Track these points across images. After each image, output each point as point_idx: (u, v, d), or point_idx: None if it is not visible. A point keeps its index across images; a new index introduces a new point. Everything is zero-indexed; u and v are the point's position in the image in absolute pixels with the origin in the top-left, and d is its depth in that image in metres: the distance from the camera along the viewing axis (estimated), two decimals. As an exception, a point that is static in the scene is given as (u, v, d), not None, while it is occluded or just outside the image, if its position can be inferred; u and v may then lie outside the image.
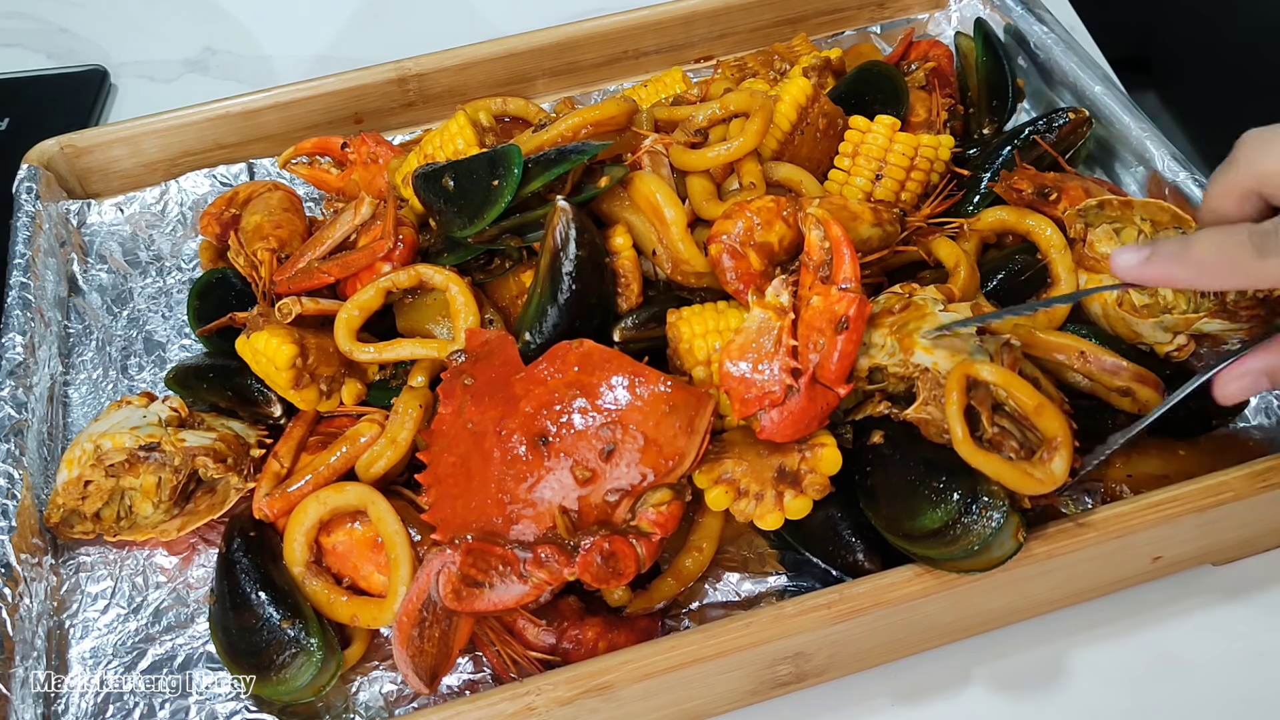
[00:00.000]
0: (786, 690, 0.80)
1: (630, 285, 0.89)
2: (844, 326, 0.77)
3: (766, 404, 0.77)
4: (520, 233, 0.90)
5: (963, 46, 1.22)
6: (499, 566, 0.76)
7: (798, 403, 0.77)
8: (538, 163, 0.88)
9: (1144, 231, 0.93)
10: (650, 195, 0.89)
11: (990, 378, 0.75)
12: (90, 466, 0.87)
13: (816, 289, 0.80)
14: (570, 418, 0.79)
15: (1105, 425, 0.86)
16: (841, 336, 0.77)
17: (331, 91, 1.18)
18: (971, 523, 0.74)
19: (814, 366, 0.77)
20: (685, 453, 0.78)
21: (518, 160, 0.87)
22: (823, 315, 0.78)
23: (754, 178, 0.93)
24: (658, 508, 0.78)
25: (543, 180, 0.87)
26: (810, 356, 0.78)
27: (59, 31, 1.49)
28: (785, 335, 0.78)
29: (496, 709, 0.71)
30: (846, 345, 0.77)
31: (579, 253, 0.85)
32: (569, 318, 0.85)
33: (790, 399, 0.77)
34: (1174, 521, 0.78)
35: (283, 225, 1.02)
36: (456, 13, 1.49)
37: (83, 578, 0.89)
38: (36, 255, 1.05)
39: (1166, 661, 0.83)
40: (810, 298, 0.80)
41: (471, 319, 0.88)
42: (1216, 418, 0.91)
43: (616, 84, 1.26)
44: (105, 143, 1.16)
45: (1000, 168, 1.02)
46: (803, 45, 1.15)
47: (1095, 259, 0.93)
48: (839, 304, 0.78)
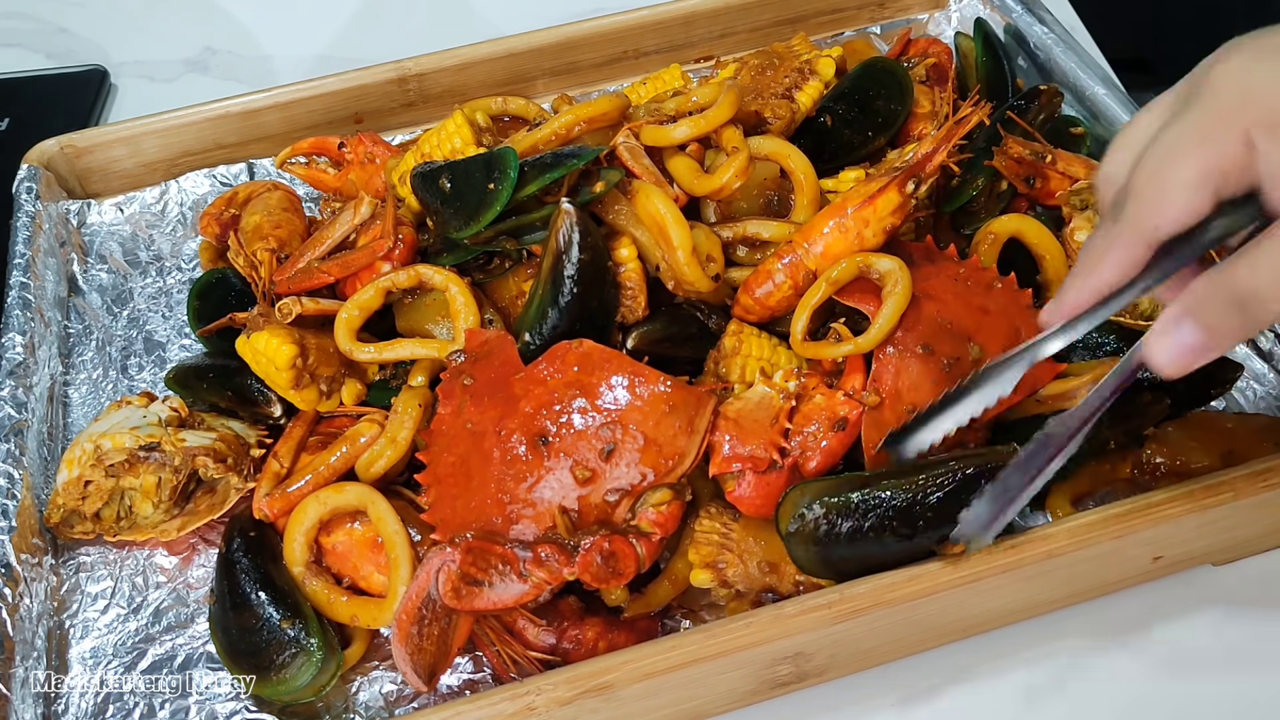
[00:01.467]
0: (786, 690, 0.80)
1: (637, 297, 0.89)
2: (842, 426, 0.80)
3: (749, 466, 0.78)
4: (517, 235, 0.90)
5: (963, 46, 1.22)
6: (499, 565, 0.76)
7: (777, 478, 0.79)
8: (534, 166, 0.88)
9: None
10: (656, 214, 0.88)
11: None
12: (90, 466, 0.87)
13: (821, 389, 0.82)
14: (570, 417, 0.79)
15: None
16: (834, 435, 0.80)
17: (331, 91, 1.18)
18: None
19: (798, 455, 0.80)
20: (685, 452, 0.78)
21: (513, 163, 0.87)
22: (822, 411, 0.81)
23: (736, 142, 0.92)
24: (658, 507, 0.78)
25: (538, 184, 0.87)
26: (794, 444, 0.80)
27: (59, 31, 1.49)
28: (782, 416, 0.80)
29: (496, 709, 0.71)
30: (834, 444, 0.80)
31: (582, 256, 0.85)
32: (569, 320, 0.85)
33: (771, 471, 0.79)
34: (1174, 521, 0.78)
35: (282, 225, 1.02)
36: (456, 13, 1.49)
37: (83, 578, 0.89)
38: (36, 255, 1.05)
39: (1167, 661, 0.83)
40: (814, 395, 0.82)
41: (471, 319, 0.88)
42: (1215, 386, 0.90)
43: (616, 84, 1.26)
44: (105, 143, 1.16)
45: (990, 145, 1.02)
46: (803, 45, 1.15)
47: (1076, 246, 0.94)
48: (843, 407, 0.81)
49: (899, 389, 0.82)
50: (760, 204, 0.98)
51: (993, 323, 0.86)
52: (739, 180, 0.90)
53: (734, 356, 0.87)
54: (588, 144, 0.95)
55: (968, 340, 0.85)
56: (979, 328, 0.86)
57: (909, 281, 0.83)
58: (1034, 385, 0.86)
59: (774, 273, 0.88)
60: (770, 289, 0.88)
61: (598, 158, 0.90)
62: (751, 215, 0.96)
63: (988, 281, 0.90)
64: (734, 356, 0.87)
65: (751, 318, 0.90)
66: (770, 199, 0.98)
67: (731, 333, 0.88)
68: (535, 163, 0.89)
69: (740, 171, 0.90)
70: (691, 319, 0.91)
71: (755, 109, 1.01)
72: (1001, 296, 0.89)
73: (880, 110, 1.05)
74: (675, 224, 0.88)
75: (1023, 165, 0.99)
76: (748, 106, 1.00)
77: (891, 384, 0.82)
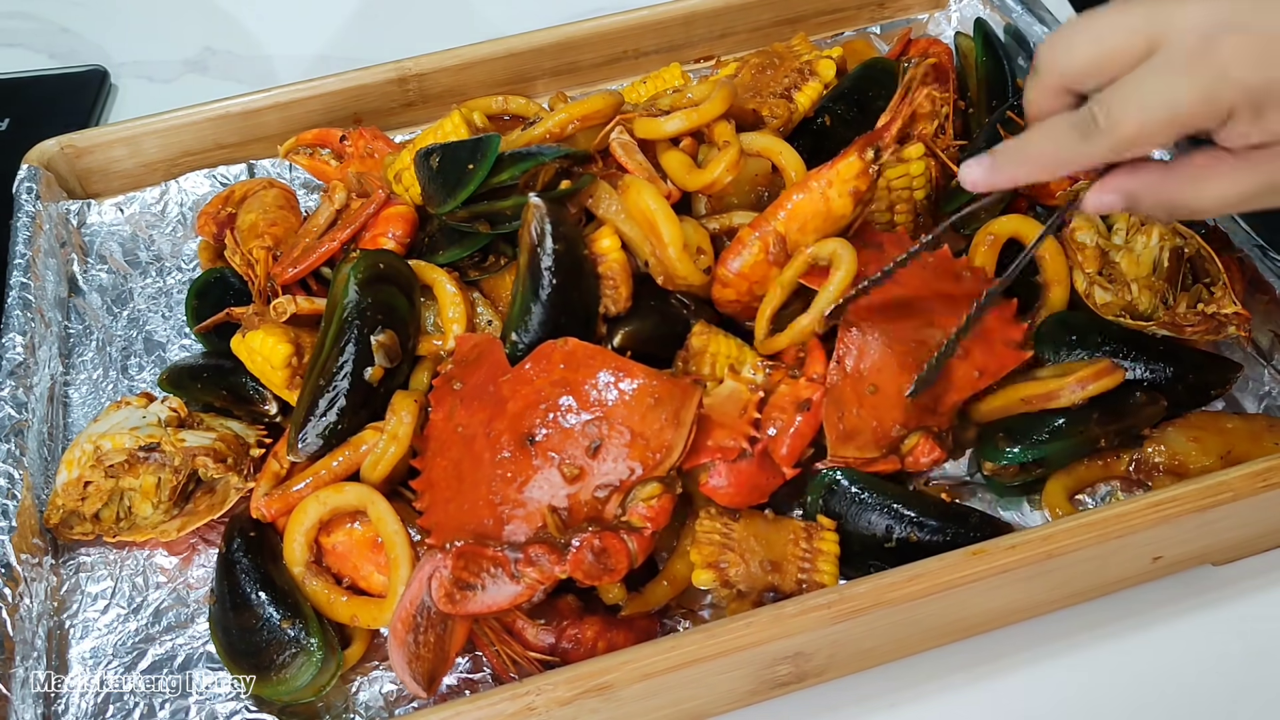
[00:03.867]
0: (786, 690, 0.80)
1: (619, 288, 0.89)
2: (806, 407, 0.83)
3: (719, 455, 0.80)
4: (493, 222, 0.91)
5: (963, 46, 1.22)
6: (490, 568, 0.76)
7: (749, 465, 0.80)
8: (512, 156, 0.90)
9: (1132, 215, 0.94)
10: (646, 209, 0.88)
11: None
12: (90, 467, 0.87)
13: (786, 381, 0.85)
14: (556, 416, 0.79)
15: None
16: (801, 416, 0.82)
17: (331, 91, 1.18)
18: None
19: (769, 440, 0.82)
20: (673, 445, 0.78)
21: (495, 147, 0.89)
22: (788, 397, 0.84)
23: (728, 136, 0.92)
24: (648, 502, 0.78)
25: (510, 173, 0.89)
26: (769, 431, 0.82)
27: (60, 31, 1.49)
28: (751, 408, 0.82)
29: (496, 709, 0.71)
30: (804, 425, 0.83)
31: (556, 246, 0.85)
32: (553, 314, 0.86)
33: (742, 459, 0.80)
34: (1174, 521, 0.78)
35: (278, 223, 1.02)
36: (456, 13, 1.49)
37: (83, 578, 0.89)
38: (36, 255, 1.05)
39: (1167, 661, 0.83)
40: (779, 386, 0.85)
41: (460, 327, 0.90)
42: (1215, 387, 0.91)
43: (617, 84, 1.26)
44: (105, 143, 1.16)
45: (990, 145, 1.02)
46: (803, 45, 1.15)
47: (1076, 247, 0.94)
48: (805, 390, 0.83)
49: (859, 369, 0.84)
50: (752, 200, 0.98)
51: (957, 308, 0.87)
52: (730, 175, 0.90)
53: (702, 354, 0.88)
54: (580, 142, 0.95)
55: (930, 324, 0.87)
56: (943, 311, 0.88)
57: (853, 257, 0.85)
58: (1000, 370, 0.88)
59: (747, 242, 0.89)
60: (745, 259, 0.89)
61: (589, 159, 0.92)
62: (740, 209, 0.96)
63: (955, 270, 0.92)
64: (702, 354, 0.88)
65: (729, 292, 0.91)
66: (761, 195, 0.98)
67: (698, 333, 0.89)
68: (513, 154, 0.91)
69: (731, 166, 0.90)
70: (679, 316, 0.91)
71: (754, 108, 1.01)
72: (969, 284, 0.91)
73: (879, 111, 1.04)
74: (666, 220, 0.88)
75: None
76: (746, 105, 1.00)
77: (854, 365, 0.84)
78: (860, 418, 0.84)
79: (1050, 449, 0.86)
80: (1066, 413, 0.87)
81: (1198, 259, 0.93)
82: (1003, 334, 0.89)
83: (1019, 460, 0.87)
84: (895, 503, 0.83)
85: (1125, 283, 0.92)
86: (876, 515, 0.83)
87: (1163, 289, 0.92)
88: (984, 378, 0.87)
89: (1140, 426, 0.88)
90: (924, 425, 0.85)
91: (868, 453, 0.85)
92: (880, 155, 0.88)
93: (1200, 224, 0.97)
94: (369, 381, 0.86)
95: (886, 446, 0.85)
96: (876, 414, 0.84)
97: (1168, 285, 0.93)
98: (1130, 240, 0.94)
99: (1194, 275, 0.94)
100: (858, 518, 0.84)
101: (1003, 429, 0.88)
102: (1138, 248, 0.93)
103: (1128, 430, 0.88)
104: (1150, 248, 0.93)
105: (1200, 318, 0.90)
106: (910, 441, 0.85)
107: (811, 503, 0.85)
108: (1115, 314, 0.92)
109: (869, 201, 0.91)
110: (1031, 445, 0.86)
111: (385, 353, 0.85)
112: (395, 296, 0.88)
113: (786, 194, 0.90)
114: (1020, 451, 0.87)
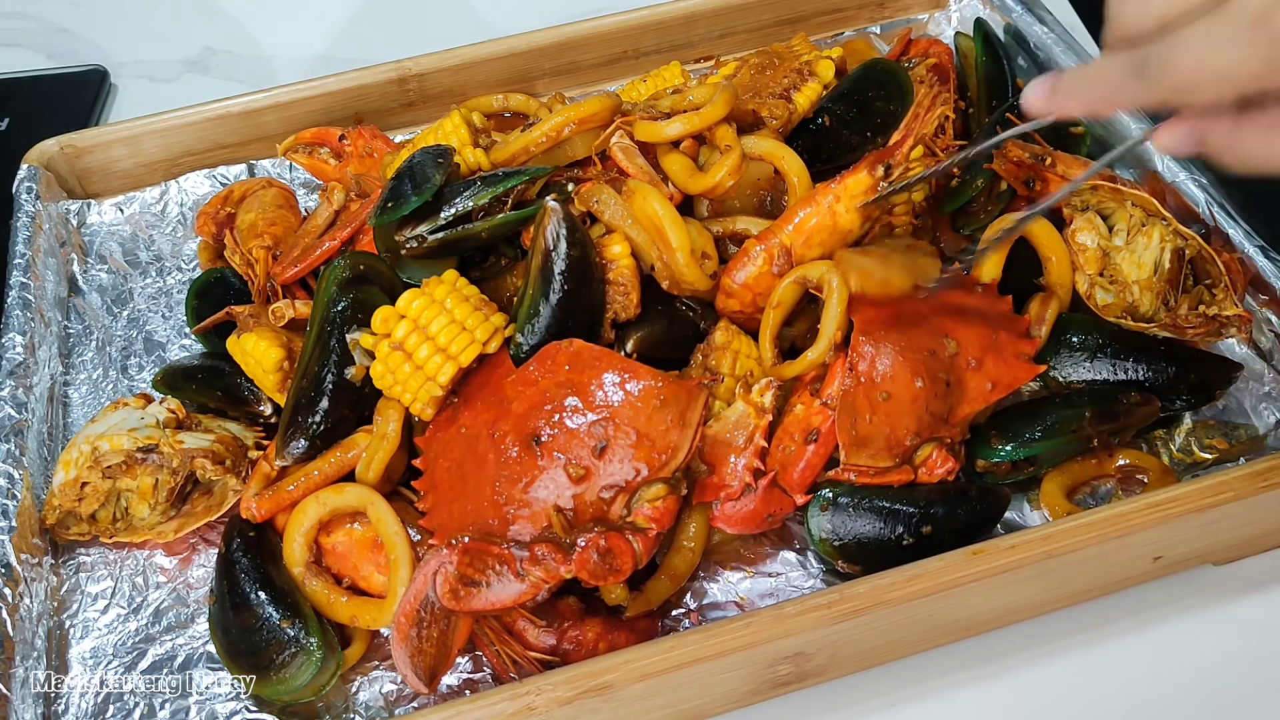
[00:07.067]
0: (786, 690, 0.80)
1: (629, 294, 0.89)
2: (813, 439, 0.82)
3: (722, 496, 0.80)
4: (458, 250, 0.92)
5: (963, 46, 1.22)
6: (495, 565, 0.76)
7: (750, 502, 0.81)
8: (484, 180, 0.90)
9: (1134, 216, 0.94)
10: (653, 214, 0.88)
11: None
12: (87, 468, 0.87)
13: (803, 398, 0.84)
14: (561, 416, 0.79)
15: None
16: (810, 448, 0.82)
17: (331, 91, 1.18)
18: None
19: (777, 472, 0.82)
20: (678, 446, 0.78)
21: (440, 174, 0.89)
22: (799, 423, 0.83)
23: (729, 140, 0.92)
24: (653, 503, 0.78)
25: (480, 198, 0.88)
26: (779, 453, 0.82)
27: (59, 31, 1.49)
28: (759, 435, 0.82)
29: (496, 709, 0.71)
30: (813, 457, 0.82)
31: (571, 252, 0.85)
32: (561, 316, 0.85)
33: (745, 497, 0.80)
34: (1174, 521, 0.78)
35: (277, 222, 1.02)
36: (456, 13, 1.49)
37: (83, 578, 0.89)
38: (36, 255, 1.05)
39: (1167, 661, 0.83)
40: (795, 405, 0.84)
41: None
42: (1216, 387, 0.92)
43: (617, 84, 1.26)
44: (105, 143, 1.16)
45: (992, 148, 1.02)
46: (803, 45, 1.15)
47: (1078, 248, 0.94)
48: (815, 417, 0.83)
49: (873, 376, 0.84)
50: (754, 204, 0.98)
51: (969, 320, 0.88)
52: (732, 179, 0.90)
53: (725, 350, 0.88)
54: (577, 145, 0.95)
55: (944, 335, 0.86)
56: (955, 324, 0.87)
57: (842, 281, 0.85)
58: (1013, 383, 0.87)
59: (753, 254, 0.89)
60: (750, 271, 0.89)
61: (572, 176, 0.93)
62: (742, 212, 0.96)
63: (967, 285, 0.92)
64: (725, 350, 0.88)
65: (733, 303, 0.91)
66: (763, 199, 0.98)
67: (722, 328, 0.90)
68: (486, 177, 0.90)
69: (733, 170, 0.90)
70: (687, 320, 0.91)
71: (753, 108, 1.01)
72: (980, 300, 0.91)
73: (879, 111, 1.05)
74: (673, 225, 0.88)
75: (1022, 168, 0.99)
76: (745, 105, 1.00)
77: (867, 371, 0.84)
78: (873, 425, 0.83)
79: (1042, 447, 0.87)
80: (1059, 411, 0.88)
81: (1199, 260, 0.93)
82: (1014, 347, 0.89)
83: (1011, 458, 0.87)
84: (895, 503, 0.83)
85: (1126, 284, 0.92)
86: (882, 521, 0.83)
87: (1164, 290, 0.92)
88: (996, 390, 0.86)
89: (1134, 426, 0.89)
90: (936, 436, 0.84)
91: (880, 461, 0.83)
92: (891, 172, 0.88)
93: (1201, 224, 0.97)
94: (352, 381, 0.86)
95: (899, 456, 0.84)
96: (889, 421, 0.83)
97: (1169, 287, 0.93)
98: (1131, 241, 0.94)
99: (1195, 276, 0.94)
100: (866, 528, 0.83)
101: (995, 427, 0.88)
102: (1139, 249, 0.93)
103: (1119, 430, 0.88)
104: (1152, 249, 0.93)
105: (1201, 320, 0.90)
106: (924, 452, 0.84)
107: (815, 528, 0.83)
108: (1116, 315, 0.92)
109: (878, 218, 0.91)
110: (1023, 444, 0.87)
111: (364, 352, 0.85)
112: (377, 296, 0.88)
113: (794, 208, 0.89)
114: (1012, 449, 0.87)
